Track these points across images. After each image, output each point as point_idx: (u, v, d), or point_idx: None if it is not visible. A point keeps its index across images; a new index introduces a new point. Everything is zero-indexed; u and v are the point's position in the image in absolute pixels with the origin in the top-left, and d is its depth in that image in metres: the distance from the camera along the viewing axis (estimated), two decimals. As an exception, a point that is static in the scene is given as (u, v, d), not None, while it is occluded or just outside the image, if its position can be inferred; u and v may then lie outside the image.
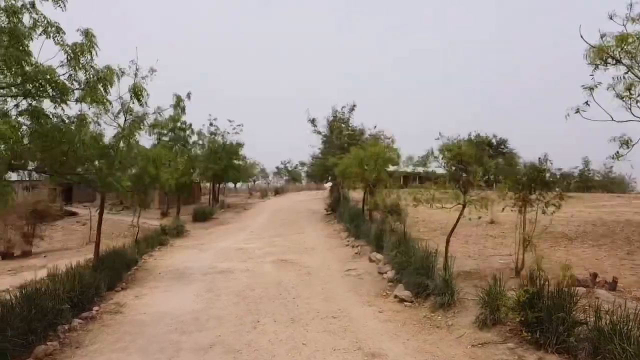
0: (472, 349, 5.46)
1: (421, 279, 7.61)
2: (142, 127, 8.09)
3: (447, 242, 7.15)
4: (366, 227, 13.29)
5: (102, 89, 5.37)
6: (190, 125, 21.97)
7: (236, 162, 30.91)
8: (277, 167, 59.69)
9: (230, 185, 45.69)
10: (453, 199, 6.88)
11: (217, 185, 33.91)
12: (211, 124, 28.11)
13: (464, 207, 6.93)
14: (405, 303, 7.55)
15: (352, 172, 13.92)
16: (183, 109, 17.72)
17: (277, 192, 48.88)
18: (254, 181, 56.59)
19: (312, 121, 21.13)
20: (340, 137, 19.87)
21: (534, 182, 7.52)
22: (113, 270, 9.34)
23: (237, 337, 6.28)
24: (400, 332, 6.31)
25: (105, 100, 5.62)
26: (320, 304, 7.88)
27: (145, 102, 7.80)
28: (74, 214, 26.62)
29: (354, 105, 21.00)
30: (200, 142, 26.00)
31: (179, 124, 20.05)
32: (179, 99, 16.98)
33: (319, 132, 21.50)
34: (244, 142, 30.83)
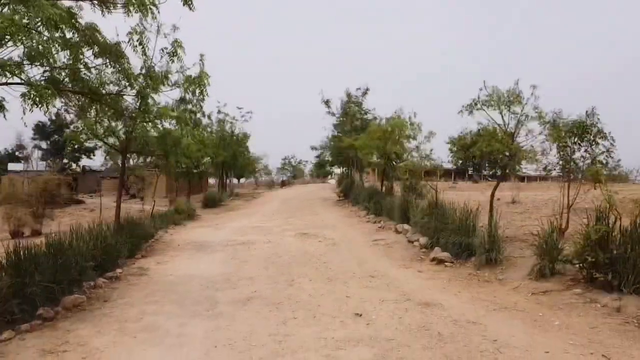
0: (534, 296, 5.09)
1: (461, 239, 7.24)
2: (165, 83, 7.70)
3: (492, 195, 6.77)
4: (387, 203, 12.90)
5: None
6: (202, 107, 21.56)
7: (244, 152, 30.49)
8: (282, 160, 59.22)
9: (234, 181, 45.13)
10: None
11: (225, 174, 33.41)
12: (219, 111, 27.62)
13: (512, 156, 6.56)
14: (446, 263, 7.18)
15: (373, 146, 13.53)
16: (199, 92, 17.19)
17: (284, 183, 48.43)
18: (256, 178, 56.11)
19: (326, 102, 20.75)
20: (354, 120, 19.46)
21: (579, 138, 7.11)
22: (132, 238, 8.97)
23: (275, 293, 5.91)
24: (448, 287, 5.94)
25: (150, 4, 5.17)
26: (354, 267, 7.50)
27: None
28: (81, 202, 26.30)
29: (367, 89, 20.64)
30: (209, 129, 25.47)
31: (189, 106, 19.60)
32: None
33: (333, 114, 21.10)
34: (251, 133, 30.34)
